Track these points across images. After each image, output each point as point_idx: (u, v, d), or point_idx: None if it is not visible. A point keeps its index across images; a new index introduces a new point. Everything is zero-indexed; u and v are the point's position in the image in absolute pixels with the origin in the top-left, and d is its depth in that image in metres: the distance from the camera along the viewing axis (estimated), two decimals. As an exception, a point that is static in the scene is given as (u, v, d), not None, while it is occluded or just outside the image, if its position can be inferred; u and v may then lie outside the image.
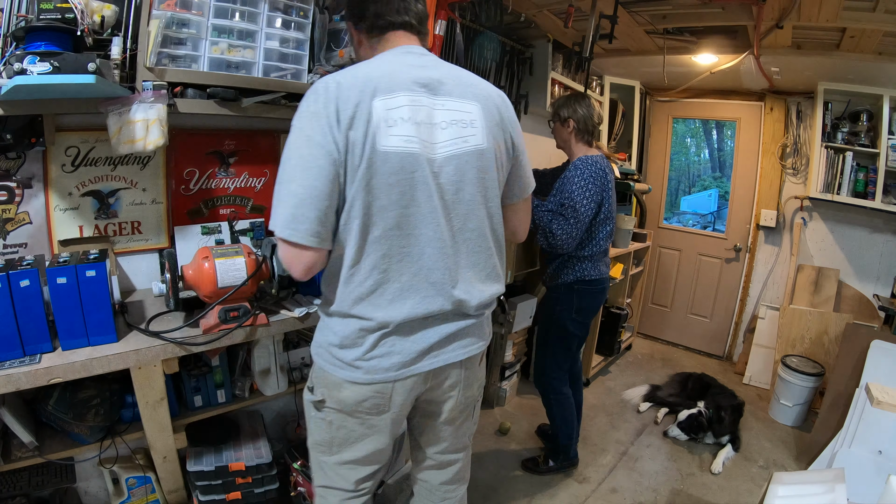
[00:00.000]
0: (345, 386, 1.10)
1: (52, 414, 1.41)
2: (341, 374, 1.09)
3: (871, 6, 2.04)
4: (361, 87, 0.98)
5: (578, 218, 1.92)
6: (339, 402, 1.12)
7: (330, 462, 1.21)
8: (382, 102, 0.98)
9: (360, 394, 1.10)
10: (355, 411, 1.12)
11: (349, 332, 1.08)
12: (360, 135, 0.96)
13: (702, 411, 2.68)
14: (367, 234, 1.02)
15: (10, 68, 1.13)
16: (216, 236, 1.82)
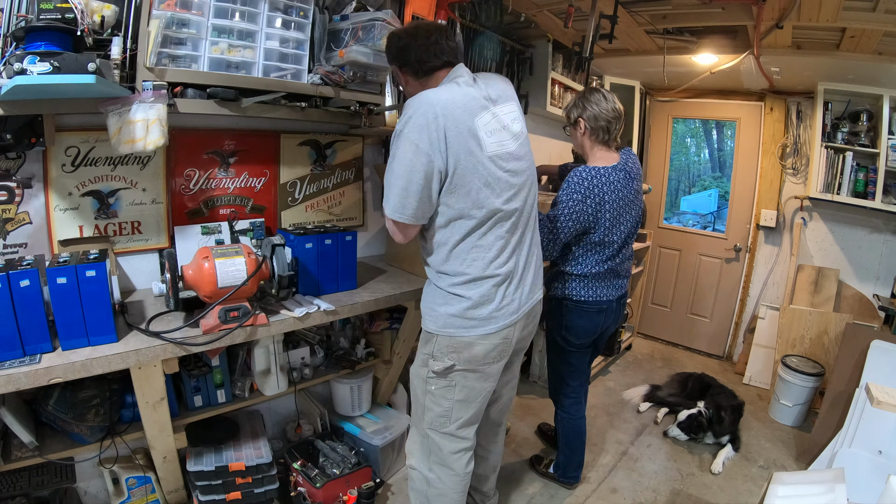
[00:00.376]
0: (477, 343, 1.42)
1: (52, 414, 1.41)
2: (476, 332, 1.41)
3: (871, 6, 2.04)
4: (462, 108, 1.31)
5: (555, 232, 1.80)
6: (468, 360, 1.44)
7: (449, 430, 1.51)
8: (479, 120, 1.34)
9: (490, 344, 1.43)
10: (481, 364, 1.45)
11: (485, 291, 1.39)
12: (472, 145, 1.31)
13: (702, 411, 2.68)
14: (501, 221, 1.38)
15: (10, 68, 1.13)
16: (216, 236, 1.82)
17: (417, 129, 1.27)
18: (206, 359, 1.69)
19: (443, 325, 1.43)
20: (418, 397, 1.55)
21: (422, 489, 1.61)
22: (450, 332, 1.42)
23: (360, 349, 2.16)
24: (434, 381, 1.48)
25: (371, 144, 2.35)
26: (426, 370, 1.49)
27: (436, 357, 1.46)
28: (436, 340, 1.45)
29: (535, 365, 3.29)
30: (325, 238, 1.74)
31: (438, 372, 1.46)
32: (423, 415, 1.53)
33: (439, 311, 1.43)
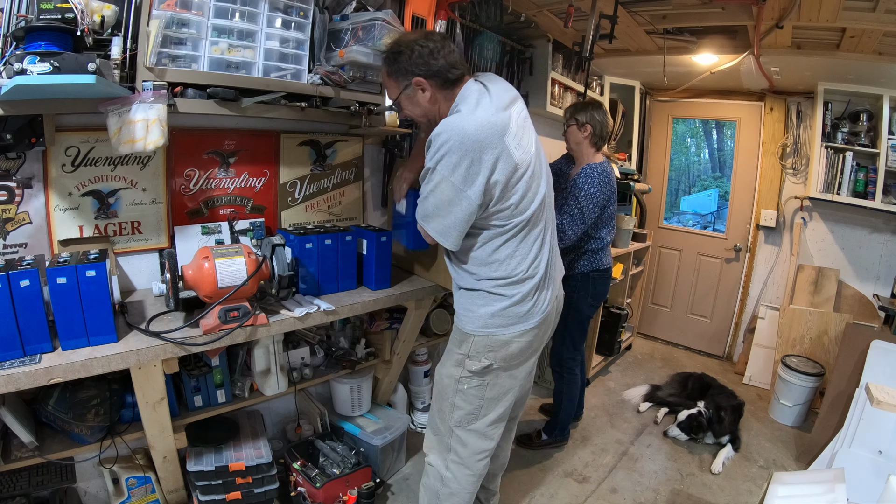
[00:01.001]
0: (513, 341, 1.47)
1: (52, 414, 1.41)
2: (515, 329, 1.46)
3: (871, 6, 2.04)
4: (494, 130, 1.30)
5: (584, 220, 2.16)
6: (504, 359, 1.49)
7: (477, 427, 1.54)
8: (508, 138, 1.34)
9: (525, 341, 1.49)
10: (516, 362, 1.52)
11: (527, 290, 1.44)
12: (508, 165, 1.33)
13: (702, 411, 2.68)
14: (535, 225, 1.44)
15: (10, 68, 1.13)
16: (216, 236, 1.82)
17: (452, 166, 1.27)
18: (206, 359, 1.69)
19: (482, 325, 1.46)
20: (447, 396, 1.55)
21: (434, 486, 1.62)
22: (488, 332, 1.46)
23: (360, 349, 2.16)
24: (468, 381, 1.51)
25: (371, 144, 2.35)
26: (461, 370, 1.51)
27: (472, 357, 1.49)
28: (473, 340, 1.48)
29: (535, 365, 3.28)
30: (324, 238, 1.74)
31: (475, 371, 1.49)
32: (452, 412, 1.55)
33: (479, 312, 1.46)
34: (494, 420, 1.56)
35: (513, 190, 1.35)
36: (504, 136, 1.31)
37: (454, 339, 1.55)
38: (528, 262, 1.44)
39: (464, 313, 1.51)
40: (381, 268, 1.87)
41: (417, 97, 1.39)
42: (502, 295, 1.44)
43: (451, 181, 1.29)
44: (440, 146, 1.28)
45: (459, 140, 1.26)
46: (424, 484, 1.66)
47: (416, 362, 2.58)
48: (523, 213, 1.39)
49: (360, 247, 1.87)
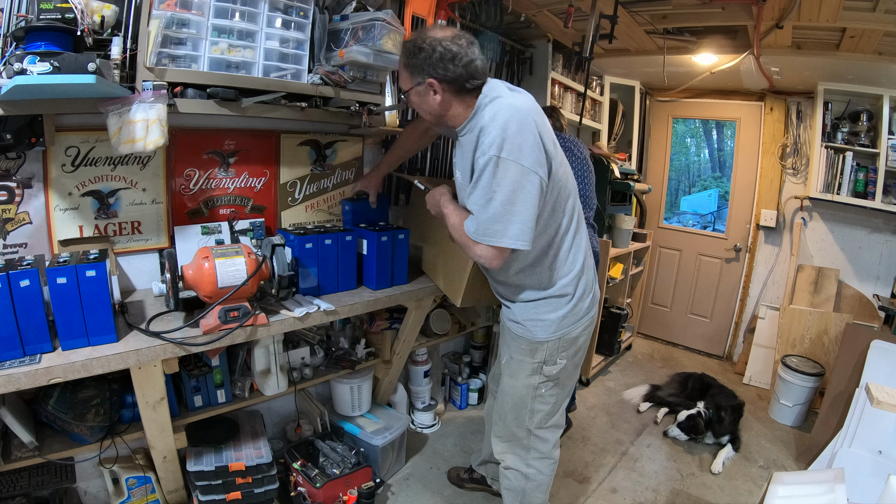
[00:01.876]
0: (581, 335, 1.54)
1: (52, 414, 1.41)
2: (583, 323, 1.53)
3: (871, 6, 2.04)
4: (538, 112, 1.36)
5: None
6: (574, 353, 1.56)
7: (554, 422, 1.62)
8: None
9: (588, 332, 1.57)
10: (581, 353, 1.60)
11: (586, 286, 1.52)
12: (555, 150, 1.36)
13: (702, 411, 2.68)
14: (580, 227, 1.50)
15: (10, 68, 1.13)
16: (216, 236, 1.83)
17: (518, 148, 1.23)
18: (206, 359, 1.69)
19: (554, 330, 1.50)
20: (526, 404, 1.59)
21: (519, 486, 1.67)
22: (560, 334, 1.51)
23: (360, 349, 2.16)
24: (546, 385, 1.56)
25: (371, 144, 2.35)
26: (538, 377, 1.55)
27: (549, 362, 1.53)
28: (546, 347, 1.52)
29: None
30: (325, 238, 1.74)
31: (552, 376, 1.55)
32: (532, 417, 1.60)
33: (549, 318, 1.49)
34: (563, 409, 1.66)
35: (563, 178, 1.39)
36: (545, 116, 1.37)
37: (522, 350, 1.55)
38: (582, 253, 1.50)
39: (531, 324, 1.52)
40: (382, 268, 1.87)
41: (428, 98, 1.35)
42: (568, 294, 1.49)
43: (521, 165, 1.23)
44: (502, 129, 1.23)
45: (518, 117, 1.25)
46: (507, 487, 1.72)
47: (416, 362, 2.58)
48: (571, 203, 1.44)
49: (360, 247, 1.87)
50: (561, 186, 1.39)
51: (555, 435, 1.66)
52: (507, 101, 1.28)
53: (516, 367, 1.58)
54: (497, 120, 1.24)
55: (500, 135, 1.22)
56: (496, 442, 1.72)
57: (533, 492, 1.67)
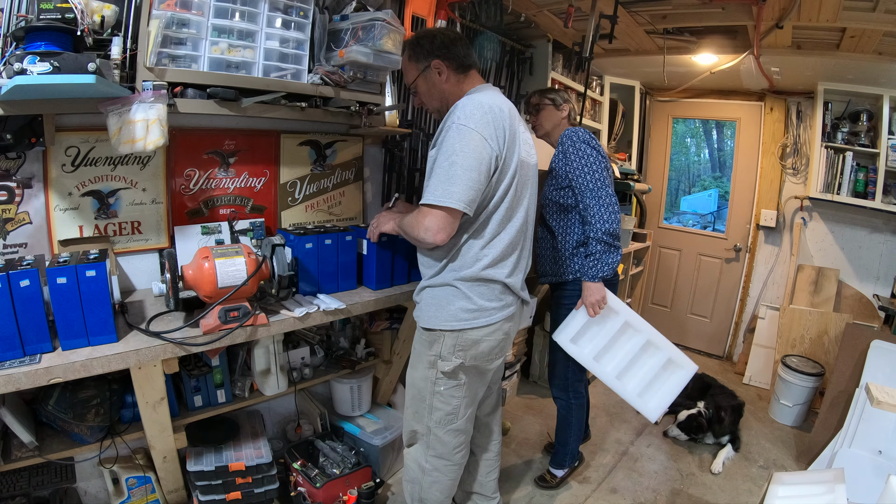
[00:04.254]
0: (483, 341, 1.49)
1: (52, 414, 1.41)
2: (483, 329, 1.48)
3: (871, 6, 2.04)
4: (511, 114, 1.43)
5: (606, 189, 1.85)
6: (475, 356, 1.50)
7: (455, 427, 1.56)
8: (520, 127, 1.49)
9: (495, 339, 1.51)
10: (486, 360, 1.54)
11: (501, 294, 1.50)
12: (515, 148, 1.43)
13: (702, 411, 2.68)
14: (509, 219, 1.47)
15: (10, 68, 1.13)
16: (216, 236, 1.83)
17: (477, 118, 1.33)
18: (206, 359, 1.69)
19: (447, 324, 1.49)
20: (424, 398, 1.56)
21: (416, 477, 1.63)
22: (456, 327, 1.49)
23: (360, 349, 2.16)
24: (443, 383, 1.53)
25: (371, 144, 2.35)
26: (434, 371, 1.52)
27: (444, 357, 1.50)
28: (442, 340, 1.49)
29: (534, 365, 3.29)
30: (324, 238, 1.74)
31: (448, 373, 1.52)
32: (430, 414, 1.56)
33: (441, 311, 1.50)
34: (468, 417, 1.60)
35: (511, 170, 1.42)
36: (513, 120, 1.42)
37: (422, 340, 1.55)
38: (510, 262, 1.51)
39: (425, 306, 1.55)
40: (382, 268, 1.87)
41: (434, 78, 1.50)
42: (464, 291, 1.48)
43: (482, 135, 1.33)
44: (462, 108, 1.35)
45: (490, 105, 1.36)
46: (406, 478, 1.68)
47: (416, 362, 2.57)
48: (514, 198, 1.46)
49: (360, 247, 1.87)
50: (511, 184, 1.43)
51: (456, 439, 1.58)
52: (476, 97, 1.40)
53: (415, 358, 1.58)
54: (470, 101, 1.37)
55: (468, 110, 1.35)
56: (404, 425, 1.67)
57: (430, 487, 1.61)
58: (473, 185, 1.32)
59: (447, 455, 1.59)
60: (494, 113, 1.36)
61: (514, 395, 3.08)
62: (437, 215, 1.34)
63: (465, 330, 1.47)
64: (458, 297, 1.46)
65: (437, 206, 1.32)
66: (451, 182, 1.31)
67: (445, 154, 1.33)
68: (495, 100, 1.42)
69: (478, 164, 1.32)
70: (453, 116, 1.35)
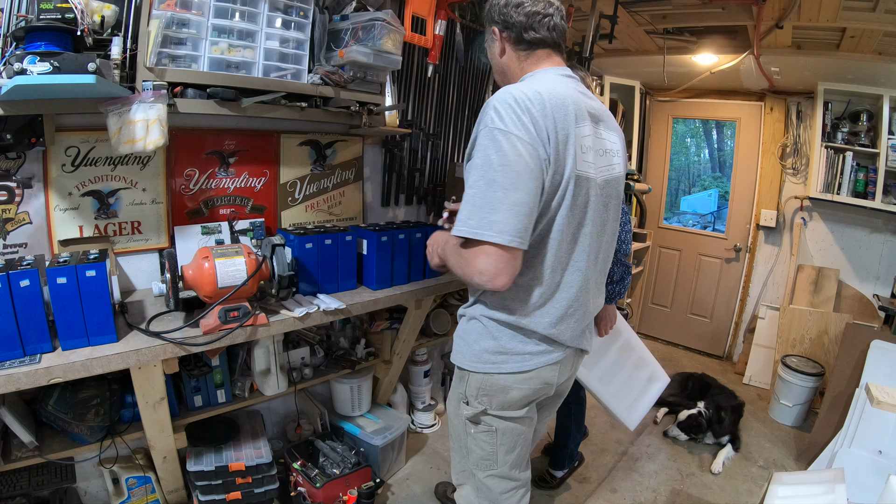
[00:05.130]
0: (514, 389, 1.20)
1: (52, 414, 1.41)
2: (514, 375, 1.18)
3: (871, 6, 2.04)
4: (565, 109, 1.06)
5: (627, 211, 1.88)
6: (504, 405, 1.22)
7: (497, 474, 1.30)
8: (579, 129, 1.09)
9: (529, 387, 1.21)
10: (514, 408, 1.23)
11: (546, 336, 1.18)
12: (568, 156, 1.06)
13: (702, 411, 2.68)
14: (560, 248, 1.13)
15: (10, 68, 1.13)
16: (216, 236, 1.83)
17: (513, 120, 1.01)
18: (206, 359, 1.69)
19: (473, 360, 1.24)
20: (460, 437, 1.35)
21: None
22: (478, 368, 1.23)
23: (360, 349, 2.16)
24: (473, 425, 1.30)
25: (371, 144, 2.35)
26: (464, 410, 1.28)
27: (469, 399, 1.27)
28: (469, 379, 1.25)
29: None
30: (325, 238, 1.74)
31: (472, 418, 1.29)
32: (468, 456, 1.34)
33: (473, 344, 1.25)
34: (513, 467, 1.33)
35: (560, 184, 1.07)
36: (572, 118, 1.06)
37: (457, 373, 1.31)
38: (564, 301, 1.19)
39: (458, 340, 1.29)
40: (382, 267, 1.87)
41: (493, 49, 1.26)
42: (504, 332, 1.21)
43: (515, 134, 1.00)
44: (493, 103, 1.05)
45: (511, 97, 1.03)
46: None
47: (416, 362, 2.58)
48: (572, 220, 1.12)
49: (360, 247, 1.87)
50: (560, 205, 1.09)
51: (503, 485, 1.31)
52: (535, 85, 1.07)
53: (452, 391, 1.34)
54: (505, 93, 1.05)
55: (500, 106, 1.03)
56: (453, 460, 1.44)
57: None
58: (517, 208, 1.00)
59: (500, 501, 1.34)
60: (536, 106, 1.02)
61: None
62: (488, 257, 1.01)
63: (492, 374, 1.20)
64: (485, 335, 1.20)
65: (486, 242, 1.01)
66: (490, 208, 1.00)
67: (479, 171, 1.02)
68: (549, 88, 1.07)
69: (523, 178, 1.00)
70: (485, 118, 1.05)
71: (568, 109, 1.07)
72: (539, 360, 1.20)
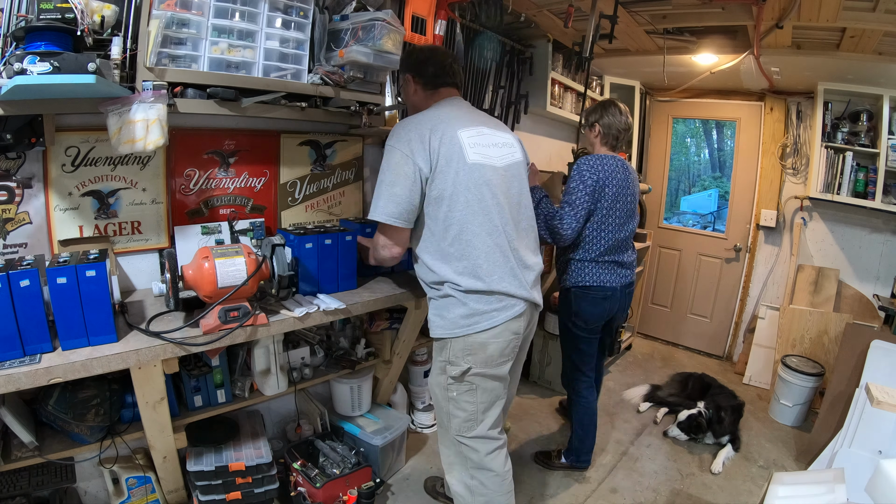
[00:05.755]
0: (490, 343, 1.48)
1: (52, 414, 1.41)
2: (487, 331, 1.47)
3: (871, 6, 2.04)
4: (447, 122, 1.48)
5: (574, 205, 1.98)
6: (484, 361, 1.49)
7: (478, 434, 1.54)
8: (464, 132, 1.49)
9: (503, 339, 1.50)
10: (493, 361, 1.51)
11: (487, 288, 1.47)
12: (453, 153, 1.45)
13: (702, 411, 2.68)
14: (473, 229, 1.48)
15: (10, 68, 1.13)
16: (216, 236, 1.83)
17: (403, 139, 1.46)
18: (206, 359, 1.69)
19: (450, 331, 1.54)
20: (442, 405, 1.60)
21: (467, 501, 1.60)
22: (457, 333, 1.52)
23: (360, 349, 2.16)
24: (455, 387, 1.56)
25: (371, 144, 2.35)
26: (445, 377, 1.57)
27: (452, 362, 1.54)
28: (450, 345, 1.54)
29: (534, 365, 3.29)
30: (324, 238, 1.74)
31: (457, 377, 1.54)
32: (450, 421, 1.58)
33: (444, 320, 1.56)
34: (493, 424, 1.58)
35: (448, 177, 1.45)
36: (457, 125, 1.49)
37: (436, 345, 1.62)
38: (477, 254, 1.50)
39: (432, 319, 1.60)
40: (382, 267, 1.87)
41: (407, 89, 1.68)
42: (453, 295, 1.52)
43: (401, 151, 1.44)
44: (400, 124, 1.51)
45: (404, 124, 1.49)
46: None
47: (416, 362, 2.58)
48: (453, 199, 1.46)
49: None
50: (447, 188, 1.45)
51: (487, 446, 1.56)
52: (429, 114, 1.53)
53: (433, 365, 1.62)
54: (401, 123, 1.51)
55: (394, 130, 1.49)
56: (440, 448, 1.68)
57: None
58: (394, 198, 1.43)
59: (486, 464, 1.56)
60: (421, 127, 1.45)
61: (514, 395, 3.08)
62: (378, 236, 1.53)
63: (470, 335, 1.48)
64: (456, 304, 1.49)
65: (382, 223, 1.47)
66: (378, 198, 1.45)
67: (382, 171, 1.47)
68: (437, 113, 1.52)
69: (400, 178, 1.43)
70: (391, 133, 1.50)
71: (460, 120, 1.52)
72: (505, 315, 1.48)
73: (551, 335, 3.10)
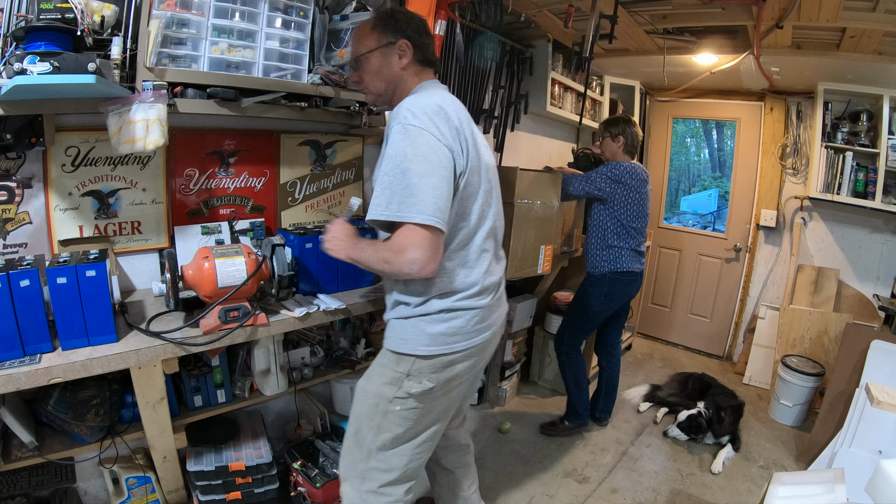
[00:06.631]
0: (458, 364, 1.30)
1: (52, 414, 1.41)
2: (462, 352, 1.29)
3: (871, 6, 2.04)
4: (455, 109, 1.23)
5: (590, 178, 2.42)
6: (447, 381, 1.30)
7: (401, 451, 1.33)
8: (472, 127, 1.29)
9: (468, 363, 1.33)
10: (454, 383, 1.33)
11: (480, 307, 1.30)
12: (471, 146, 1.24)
13: (702, 411, 2.68)
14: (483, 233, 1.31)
15: (10, 68, 1.13)
16: (216, 236, 1.83)
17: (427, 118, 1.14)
18: (206, 359, 1.69)
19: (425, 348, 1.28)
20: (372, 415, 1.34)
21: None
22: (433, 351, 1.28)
23: (360, 349, 2.16)
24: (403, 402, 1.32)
25: (371, 144, 2.35)
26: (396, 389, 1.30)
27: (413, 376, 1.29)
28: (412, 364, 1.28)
29: (534, 365, 3.29)
30: (325, 238, 1.74)
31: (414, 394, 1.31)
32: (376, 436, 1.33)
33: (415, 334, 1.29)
34: (427, 440, 1.37)
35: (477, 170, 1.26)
36: (470, 122, 1.28)
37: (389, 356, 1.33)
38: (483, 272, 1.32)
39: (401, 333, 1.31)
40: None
41: (392, 59, 1.29)
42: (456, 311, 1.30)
43: (434, 136, 1.13)
44: (407, 107, 1.16)
45: (426, 104, 1.17)
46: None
47: (416, 362, 2.58)
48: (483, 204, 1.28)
49: None
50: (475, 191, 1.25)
51: (400, 461, 1.33)
52: (422, 98, 1.21)
53: (375, 370, 1.35)
54: (417, 99, 1.20)
55: (415, 109, 1.15)
56: (341, 457, 1.43)
57: None
58: (436, 191, 1.10)
59: (388, 490, 1.34)
60: (446, 108, 1.19)
61: (514, 395, 3.09)
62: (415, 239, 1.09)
63: (445, 354, 1.27)
64: (436, 321, 1.26)
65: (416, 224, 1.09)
66: (411, 193, 1.08)
67: (394, 160, 1.12)
68: (447, 99, 1.25)
69: (434, 167, 1.11)
70: (398, 117, 1.16)
71: (468, 116, 1.30)
72: (484, 336, 1.33)
73: (551, 335, 3.10)
